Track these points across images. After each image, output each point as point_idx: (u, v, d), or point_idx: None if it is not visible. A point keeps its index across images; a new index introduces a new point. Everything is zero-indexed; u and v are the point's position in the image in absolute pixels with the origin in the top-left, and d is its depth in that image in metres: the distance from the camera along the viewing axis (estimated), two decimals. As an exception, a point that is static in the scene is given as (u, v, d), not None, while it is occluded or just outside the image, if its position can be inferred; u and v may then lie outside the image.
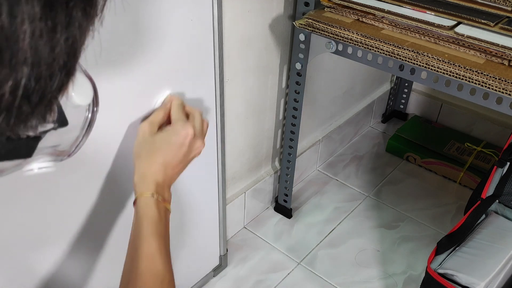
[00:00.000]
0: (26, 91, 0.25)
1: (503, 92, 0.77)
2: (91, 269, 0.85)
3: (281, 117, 1.32)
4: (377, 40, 0.90)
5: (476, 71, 0.80)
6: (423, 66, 0.85)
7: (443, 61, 0.83)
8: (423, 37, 0.89)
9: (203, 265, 1.19)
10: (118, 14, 0.63)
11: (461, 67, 0.81)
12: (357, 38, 0.92)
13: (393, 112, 1.88)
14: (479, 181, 1.27)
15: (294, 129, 1.23)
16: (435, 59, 0.84)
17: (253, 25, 1.06)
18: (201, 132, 0.73)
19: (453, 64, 0.82)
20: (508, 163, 1.11)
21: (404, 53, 0.87)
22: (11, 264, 0.71)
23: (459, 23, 0.87)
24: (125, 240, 0.83)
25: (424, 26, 0.88)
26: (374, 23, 0.94)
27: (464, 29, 0.85)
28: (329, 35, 0.96)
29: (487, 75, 0.79)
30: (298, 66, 1.11)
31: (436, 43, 0.87)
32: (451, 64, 0.82)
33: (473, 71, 0.80)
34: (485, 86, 0.79)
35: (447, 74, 0.83)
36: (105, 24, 0.29)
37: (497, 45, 0.80)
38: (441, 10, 0.89)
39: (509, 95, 0.77)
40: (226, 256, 1.24)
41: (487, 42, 0.81)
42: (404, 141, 1.68)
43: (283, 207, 1.42)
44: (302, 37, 1.05)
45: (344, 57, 0.99)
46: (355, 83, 1.60)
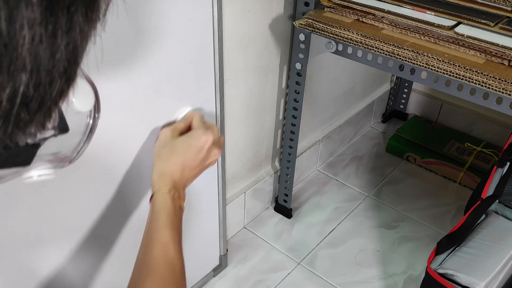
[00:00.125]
0: (24, 98, 0.24)
1: (503, 92, 0.77)
2: (93, 270, 0.85)
3: (281, 117, 1.32)
4: (377, 40, 0.90)
5: (476, 71, 0.80)
6: (423, 66, 0.85)
7: (443, 61, 0.83)
8: (423, 37, 0.89)
9: (203, 265, 1.19)
10: (121, 17, 0.63)
11: (461, 67, 0.81)
12: (357, 38, 0.92)
13: (393, 112, 1.88)
14: (479, 181, 1.27)
15: (294, 129, 1.23)
16: (435, 59, 0.84)
17: (253, 25, 1.06)
18: (219, 142, 0.78)
19: (453, 64, 0.82)
20: (508, 163, 1.11)
21: (404, 53, 0.87)
22: (11, 265, 0.71)
23: (459, 23, 0.87)
24: (125, 240, 0.83)
25: (424, 26, 0.88)
26: (374, 23, 0.94)
27: (464, 29, 0.85)
28: (329, 35, 0.96)
29: (487, 75, 0.79)
30: (298, 66, 1.11)
31: (436, 43, 0.87)
32: (451, 64, 0.82)
33: (473, 71, 0.80)
34: (485, 86, 0.79)
35: (447, 74, 0.83)
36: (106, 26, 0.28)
37: (497, 45, 0.80)
38: (441, 10, 0.89)
39: (509, 95, 0.77)
40: (226, 256, 1.24)
41: (487, 42, 0.81)
42: (404, 141, 1.68)
43: (283, 207, 1.42)
44: (302, 37, 1.05)
45: (344, 57, 0.99)
46: (355, 83, 1.60)
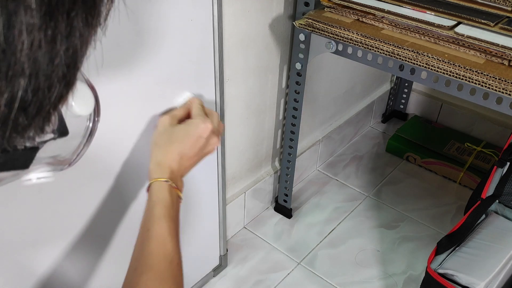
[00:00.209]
0: (23, 103, 0.24)
1: (503, 92, 0.77)
2: (91, 269, 0.85)
3: (281, 117, 1.32)
4: (377, 40, 0.90)
5: (476, 71, 0.80)
6: (423, 66, 0.85)
7: (443, 61, 0.83)
8: (423, 37, 0.89)
9: (203, 265, 1.19)
10: (121, 19, 0.63)
11: (461, 67, 0.81)
12: (357, 38, 0.92)
13: (393, 112, 1.88)
14: (479, 181, 1.27)
15: (294, 129, 1.23)
16: (435, 59, 0.84)
17: (253, 25, 1.06)
18: (218, 130, 0.76)
19: (453, 64, 0.82)
20: (508, 163, 1.11)
21: (404, 53, 0.87)
22: (9, 264, 0.71)
23: (459, 23, 0.87)
24: (124, 240, 0.83)
25: (424, 26, 0.88)
26: (374, 23, 0.94)
27: (464, 29, 0.85)
28: (329, 35, 0.96)
29: (487, 75, 0.79)
30: (298, 66, 1.11)
31: (436, 43, 0.87)
32: (451, 64, 0.82)
33: (473, 71, 0.80)
34: (485, 86, 0.79)
35: (447, 74, 0.83)
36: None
37: (497, 45, 0.80)
38: (441, 10, 0.89)
39: (509, 95, 0.77)
40: (226, 256, 1.24)
41: (487, 42, 0.81)
42: (404, 141, 1.68)
43: (283, 207, 1.42)
44: (302, 37, 1.05)
45: (344, 57, 0.99)
46: (355, 83, 1.60)
